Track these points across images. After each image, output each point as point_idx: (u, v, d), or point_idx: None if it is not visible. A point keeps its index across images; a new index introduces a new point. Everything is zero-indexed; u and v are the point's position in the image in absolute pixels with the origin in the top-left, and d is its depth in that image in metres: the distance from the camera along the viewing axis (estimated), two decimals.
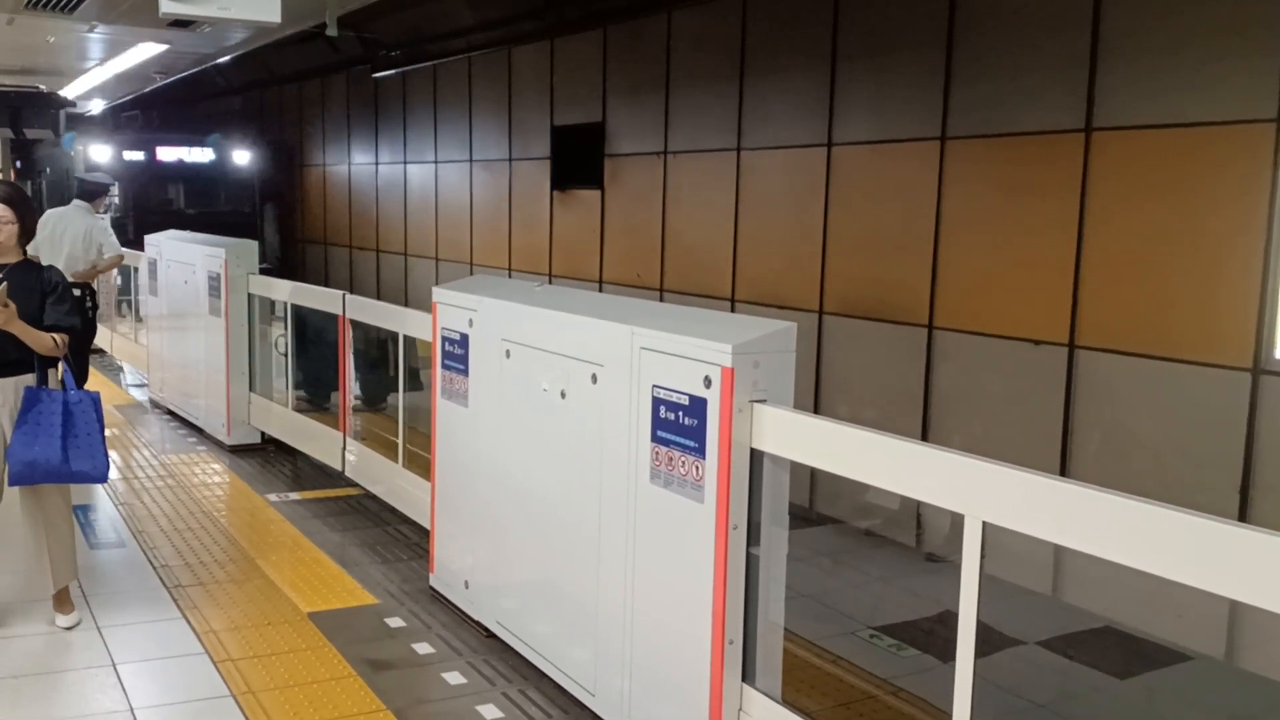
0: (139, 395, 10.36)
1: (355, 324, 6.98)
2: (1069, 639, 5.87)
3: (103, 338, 12.42)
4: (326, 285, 10.41)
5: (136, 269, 10.96)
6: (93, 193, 8.82)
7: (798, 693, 3.76)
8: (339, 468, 7.08)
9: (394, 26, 12.77)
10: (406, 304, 10.13)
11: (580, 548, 4.02)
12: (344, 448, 7.03)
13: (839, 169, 7.95)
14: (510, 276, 11.88)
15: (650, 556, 3.68)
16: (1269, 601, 2.22)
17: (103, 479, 4.75)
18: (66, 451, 4.54)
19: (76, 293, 6.96)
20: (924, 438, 7.13)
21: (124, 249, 9.23)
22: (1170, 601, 5.15)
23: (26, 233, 4.77)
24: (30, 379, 4.63)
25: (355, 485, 6.98)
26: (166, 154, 16.56)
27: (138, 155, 16.29)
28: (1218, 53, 5.65)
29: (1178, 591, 2.41)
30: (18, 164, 19.23)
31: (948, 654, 2.83)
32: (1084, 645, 5.78)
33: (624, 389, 3.72)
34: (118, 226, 11.69)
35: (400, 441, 6.24)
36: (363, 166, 15.76)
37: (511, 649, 4.57)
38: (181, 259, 8.99)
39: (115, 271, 11.75)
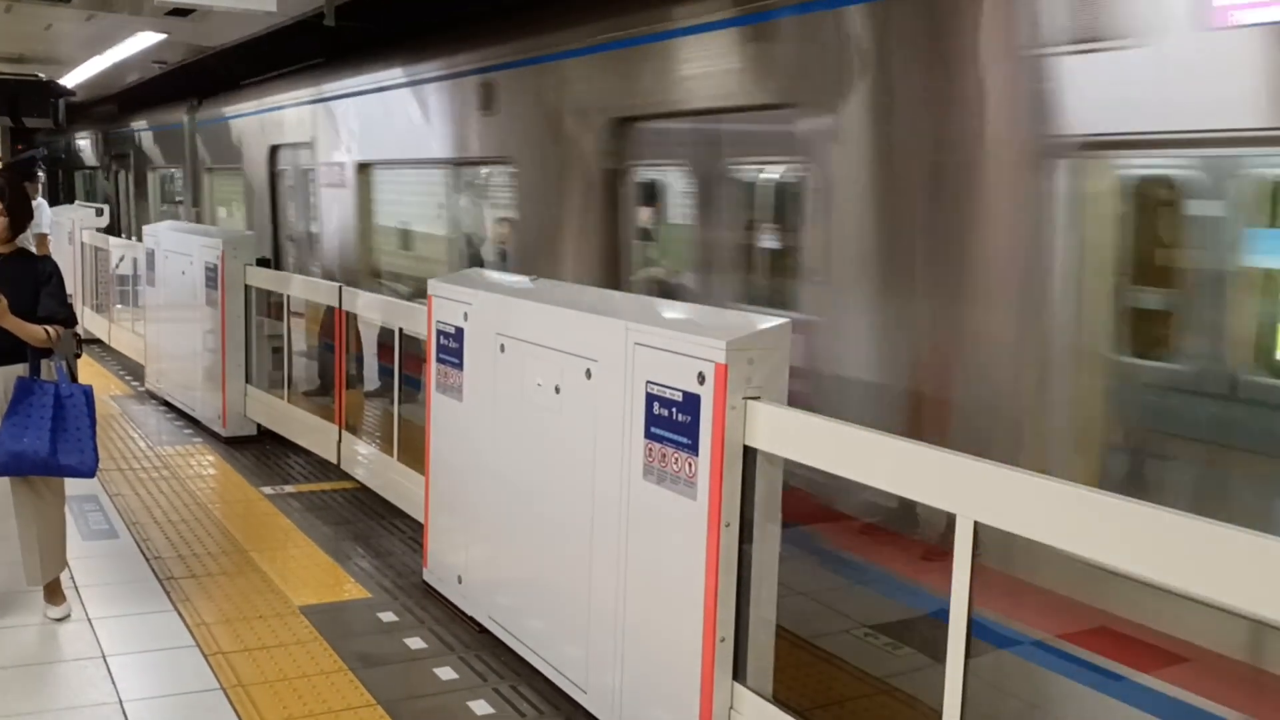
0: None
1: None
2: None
3: (100, 327, 12.41)
4: None
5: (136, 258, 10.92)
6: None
7: (789, 691, 3.73)
8: (334, 460, 7.06)
9: None
10: None
11: (573, 543, 4.00)
12: (339, 440, 7.01)
13: None
14: None
15: (643, 553, 3.65)
16: (1267, 608, 2.20)
17: (90, 473, 4.72)
18: (55, 444, 4.52)
19: None
20: None
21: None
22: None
23: (17, 225, 4.74)
24: (22, 369, 4.61)
25: (350, 478, 6.96)
26: None
27: None
28: None
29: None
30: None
31: (942, 653, 2.80)
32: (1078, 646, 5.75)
33: (618, 384, 3.69)
34: None
35: (395, 434, 6.21)
36: None
37: (504, 644, 4.55)
38: (179, 249, 8.96)
39: (117, 260, 11.75)
